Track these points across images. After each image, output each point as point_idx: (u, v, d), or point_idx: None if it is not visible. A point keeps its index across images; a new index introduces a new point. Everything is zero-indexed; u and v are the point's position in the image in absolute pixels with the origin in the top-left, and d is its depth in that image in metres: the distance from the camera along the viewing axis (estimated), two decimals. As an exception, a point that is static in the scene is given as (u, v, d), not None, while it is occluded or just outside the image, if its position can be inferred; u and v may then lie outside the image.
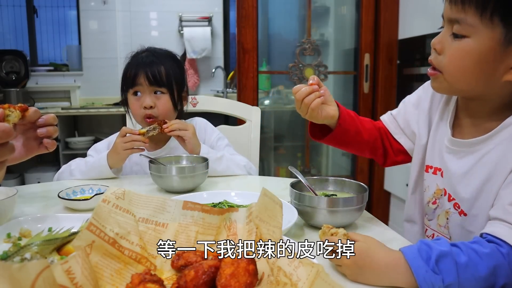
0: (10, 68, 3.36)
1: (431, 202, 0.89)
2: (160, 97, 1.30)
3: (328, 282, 0.45)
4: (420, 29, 2.37)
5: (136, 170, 1.37)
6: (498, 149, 0.76)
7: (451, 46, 0.75)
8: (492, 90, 0.76)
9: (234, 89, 3.65)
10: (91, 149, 1.37)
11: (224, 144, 1.40)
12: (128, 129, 1.21)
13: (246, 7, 2.57)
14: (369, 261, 0.61)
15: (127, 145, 1.18)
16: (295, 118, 3.11)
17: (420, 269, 0.60)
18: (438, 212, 0.87)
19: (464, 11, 0.71)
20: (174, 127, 1.22)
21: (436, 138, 0.90)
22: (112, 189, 0.62)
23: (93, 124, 3.65)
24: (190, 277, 0.52)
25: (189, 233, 0.63)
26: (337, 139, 0.97)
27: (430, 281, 0.59)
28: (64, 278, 0.46)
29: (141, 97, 1.29)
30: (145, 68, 1.28)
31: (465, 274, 0.61)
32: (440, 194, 0.87)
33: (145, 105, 1.27)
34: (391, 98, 2.71)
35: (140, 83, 1.28)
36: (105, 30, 3.65)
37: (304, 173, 2.84)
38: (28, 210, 0.95)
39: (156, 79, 1.27)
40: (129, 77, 1.29)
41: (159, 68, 1.29)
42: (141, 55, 1.33)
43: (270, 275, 0.54)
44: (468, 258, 0.62)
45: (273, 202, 0.58)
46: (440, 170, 0.87)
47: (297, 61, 2.71)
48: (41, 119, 0.76)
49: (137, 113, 1.31)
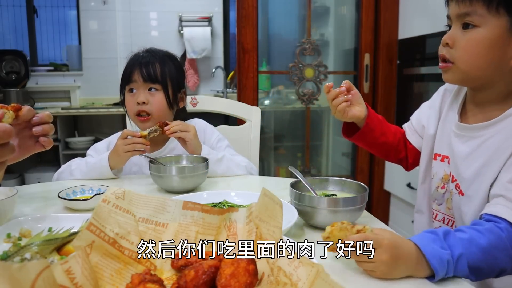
0: (10, 68, 3.36)
1: (440, 187, 0.95)
2: (154, 94, 1.31)
3: (328, 282, 0.45)
4: (420, 29, 2.37)
5: (135, 171, 1.37)
6: (499, 135, 0.82)
7: (463, 38, 0.82)
8: (501, 76, 0.83)
9: (234, 89, 3.65)
10: (91, 149, 1.38)
11: (224, 145, 1.40)
12: (129, 132, 1.21)
13: (246, 7, 2.57)
14: (400, 253, 0.62)
15: (128, 147, 1.18)
16: (295, 118, 3.11)
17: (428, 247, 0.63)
18: (447, 196, 0.92)
19: (472, 5, 0.79)
20: (175, 128, 1.22)
21: (445, 126, 0.96)
22: (112, 189, 0.62)
23: (93, 124, 3.65)
24: (190, 277, 0.52)
25: (189, 233, 0.63)
26: (364, 138, 1.06)
27: (439, 256, 0.62)
28: (64, 278, 0.46)
29: (136, 94, 1.30)
30: (140, 66, 1.30)
31: (470, 247, 0.66)
32: (448, 179, 0.92)
33: (138, 100, 1.28)
34: (391, 98, 2.71)
35: (135, 80, 1.29)
36: (105, 30, 3.65)
37: (304, 173, 2.85)
38: (28, 210, 0.95)
39: (150, 75, 1.29)
40: (125, 75, 1.31)
41: (154, 65, 1.30)
42: (140, 54, 1.35)
43: (270, 275, 0.54)
44: (470, 235, 0.68)
45: (273, 202, 0.58)
46: (447, 157, 0.93)
47: (297, 61, 2.71)
48: (36, 117, 0.75)
49: (131, 109, 1.31)
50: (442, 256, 0.62)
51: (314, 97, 2.74)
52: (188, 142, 1.23)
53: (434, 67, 2.22)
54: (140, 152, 1.21)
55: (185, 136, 1.22)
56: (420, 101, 2.48)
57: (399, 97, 2.66)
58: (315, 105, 2.83)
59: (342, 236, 0.62)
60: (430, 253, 0.62)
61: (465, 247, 0.65)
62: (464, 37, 0.81)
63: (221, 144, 1.40)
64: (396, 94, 2.69)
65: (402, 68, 2.59)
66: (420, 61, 2.41)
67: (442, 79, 0.90)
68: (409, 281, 0.63)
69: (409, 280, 0.64)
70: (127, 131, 1.21)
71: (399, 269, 0.62)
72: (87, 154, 1.36)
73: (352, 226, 0.63)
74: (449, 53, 0.84)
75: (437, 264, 0.61)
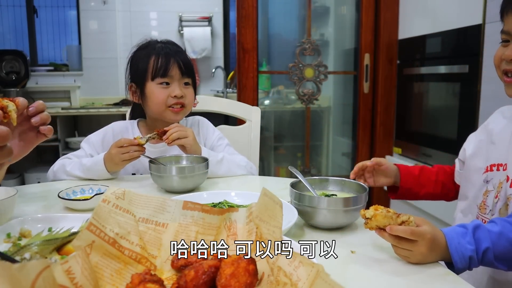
0: (10, 68, 3.36)
1: (494, 197, 0.94)
2: (188, 87, 1.33)
3: (328, 282, 0.45)
4: (420, 29, 2.37)
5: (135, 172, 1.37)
6: None
7: None
8: None
9: (234, 89, 3.65)
10: (85, 142, 1.35)
11: (224, 144, 1.40)
12: (126, 140, 1.18)
13: (246, 7, 2.57)
14: (436, 246, 0.69)
15: (125, 156, 1.17)
16: (295, 118, 3.11)
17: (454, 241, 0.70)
18: (499, 206, 0.92)
19: None
20: (174, 136, 1.20)
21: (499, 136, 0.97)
22: (112, 189, 0.62)
23: (93, 124, 3.65)
24: (190, 277, 0.52)
25: (189, 233, 0.63)
26: (405, 197, 1.14)
27: (462, 252, 0.69)
28: (64, 278, 0.46)
29: (170, 87, 1.29)
30: (175, 57, 1.29)
31: (499, 241, 0.71)
32: (501, 186, 0.91)
33: (176, 94, 1.28)
34: (391, 98, 2.71)
35: (172, 73, 1.28)
36: (105, 30, 3.65)
37: (304, 173, 2.85)
38: (28, 210, 0.95)
39: (187, 68, 1.30)
40: (159, 67, 1.27)
41: (187, 58, 1.32)
42: (158, 45, 1.33)
43: (270, 275, 0.54)
44: (502, 227, 0.72)
45: (273, 202, 0.57)
46: (502, 165, 0.94)
47: (297, 61, 2.71)
48: (31, 107, 0.75)
49: (163, 101, 1.28)
50: (464, 252, 0.69)
51: (314, 97, 2.74)
52: (188, 147, 1.22)
53: (434, 67, 2.22)
54: (137, 158, 1.20)
55: (184, 142, 1.21)
56: (420, 101, 2.49)
57: (399, 97, 2.66)
58: (315, 105, 2.83)
59: (385, 224, 0.68)
60: (454, 248, 0.69)
61: (493, 241, 0.70)
62: None
63: (221, 142, 1.40)
64: (396, 94, 2.69)
65: (402, 68, 2.59)
66: (420, 61, 2.41)
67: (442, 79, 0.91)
68: (409, 281, 0.64)
69: (409, 280, 0.64)
70: (124, 139, 1.18)
71: (431, 258, 0.68)
72: (81, 147, 1.34)
73: (397, 216, 0.68)
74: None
75: (458, 259, 0.69)
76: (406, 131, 2.58)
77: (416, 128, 2.47)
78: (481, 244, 0.70)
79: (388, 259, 0.71)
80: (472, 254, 0.69)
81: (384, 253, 0.73)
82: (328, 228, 0.83)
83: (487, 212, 0.95)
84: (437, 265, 0.69)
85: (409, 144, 2.51)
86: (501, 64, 0.91)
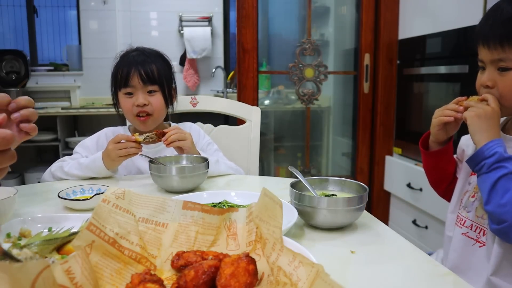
0: (10, 68, 3.35)
1: (470, 196, 0.99)
2: (153, 95, 1.32)
3: (328, 282, 0.45)
4: (420, 29, 2.37)
5: (135, 172, 1.37)
6: None
7: (503, 80, 0.92)
8: None
9: (234, 89, 3.65)
10: (79, 146, 1.37)
11: (213, 149, 1.43)
12: (123, 136, 1.19)
13: (246, 7, 2.57)
14: (492, 124, 0.87)
15: (122, 152, 1.18)
16: (295, 118, 3.11)
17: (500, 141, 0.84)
18: (476, 205, 0.96)
19: (504, 52, 0.88)
20: (173, 138, 1.21)
21: None
22: (112, 189, 0.62)
23: (93, 124, 3.65)
24: (190, 277, 0.52)
25: (189, 233, 0.63)
26: (439, 156, 1.12)
27: (495, 150, 0.83)
28: (64, 278, 0.46)
29: (134, 96, 1.31)
30: (137, 68, 1.29)
31: None
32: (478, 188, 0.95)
33: (138, 103, 1.29)
34: (391, 98, 2.71)
35: (133, 84, 1.29)
36: (105, 30, 3.64)
37: (304, 173, 2.85)
38: (28, 210, 0.95)
39: (149, 78, 1.29)
40: (121, 77, 1.30)
41: (151, 67, 1.30)
42: (131, 54, 1.34)
43: (270, 275, 0.54)
44: None
45: (273, 202, 0.58)
46: None
47: (297, 61, 2.71)
48: (12, 103, 0.67)
49: (129, 111, 1.32)
50: (497, 150, 0.83)
51: (314, 97, 2.74)
52: (186, 150, 1.24)
53: (434, 67, 2.22)
54: (133, 155, 1.20)
55: (183, 145, 1.23)
56: (420, 101, 2.49)
57: (399, 97, 2.66)
58: (315, 105, 2.83)
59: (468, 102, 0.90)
60: (496, 142, 0.84)
61: None
62: (503, 79, 0.91)
63: (211, 147, 1.43)
64: (396, 94, 2.69)
65: (402, 68, 2.59)
66: (420, 61, 2.41)
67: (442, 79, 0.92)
68: (408, 281, 0.64)
69: (409, 280, 0.64)
70: (121, 135, 1.19)
71: (483, 127, 0.86)
72: (74, 152, 1.35)
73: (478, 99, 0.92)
74: (491, 93, 0.94)
75: (486, 149, 0.84)
76: (406, 131, 2.58)
77: (416, 128, 2.47)
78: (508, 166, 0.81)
79: (388, 259, 0.71)
80: (499, 157, 0.81)
81: (384, 253, 0.73)
82: (328, 228, 0.83)
83: (462, 209, 1.00)
84: (437, 265, 0.69)
85: (409, 144, 2.51)
86: (480, 90, 0.97)
